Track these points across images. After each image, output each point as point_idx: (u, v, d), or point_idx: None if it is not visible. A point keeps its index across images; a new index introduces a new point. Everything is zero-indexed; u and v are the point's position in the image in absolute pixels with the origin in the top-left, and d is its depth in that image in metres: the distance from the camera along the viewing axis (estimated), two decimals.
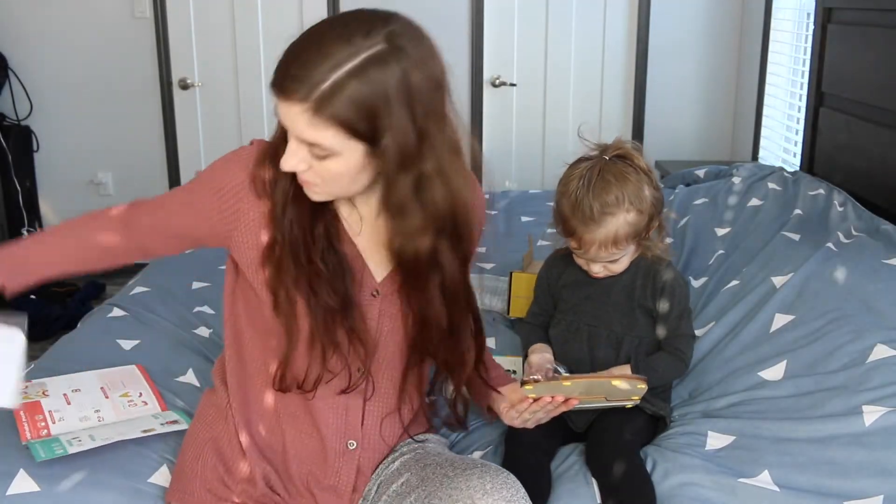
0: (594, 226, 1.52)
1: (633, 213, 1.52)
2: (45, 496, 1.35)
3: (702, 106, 4.03)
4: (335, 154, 1.12)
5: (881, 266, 1.78)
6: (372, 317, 1.32)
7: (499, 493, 1.18)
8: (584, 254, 1.57)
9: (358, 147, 1.12)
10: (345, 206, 1.29)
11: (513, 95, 4.00)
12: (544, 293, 1.74)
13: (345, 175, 1.15)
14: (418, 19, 1.18)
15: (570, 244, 1.59)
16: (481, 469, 1.23)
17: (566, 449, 1.56)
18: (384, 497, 1.31)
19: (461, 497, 1.18)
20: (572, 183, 1.55)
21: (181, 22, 3.87)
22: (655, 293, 1.61)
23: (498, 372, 1.53)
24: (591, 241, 1.53)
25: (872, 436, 1.39)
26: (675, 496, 1.37)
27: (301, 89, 1.07)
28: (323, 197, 1.21)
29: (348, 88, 1.07)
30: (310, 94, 1.07)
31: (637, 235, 1.56)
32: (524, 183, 4.04)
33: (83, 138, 4.05)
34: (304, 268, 1.23)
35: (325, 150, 1.11)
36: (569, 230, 1.56)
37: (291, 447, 1.35)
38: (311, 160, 1.14)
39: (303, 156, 1.14)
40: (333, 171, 1.14)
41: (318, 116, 1.08)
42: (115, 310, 2.11)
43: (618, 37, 3.95)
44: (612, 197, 1.51)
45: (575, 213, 1.53)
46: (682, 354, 1.62)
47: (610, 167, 1.53)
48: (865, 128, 2.42)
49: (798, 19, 3.24)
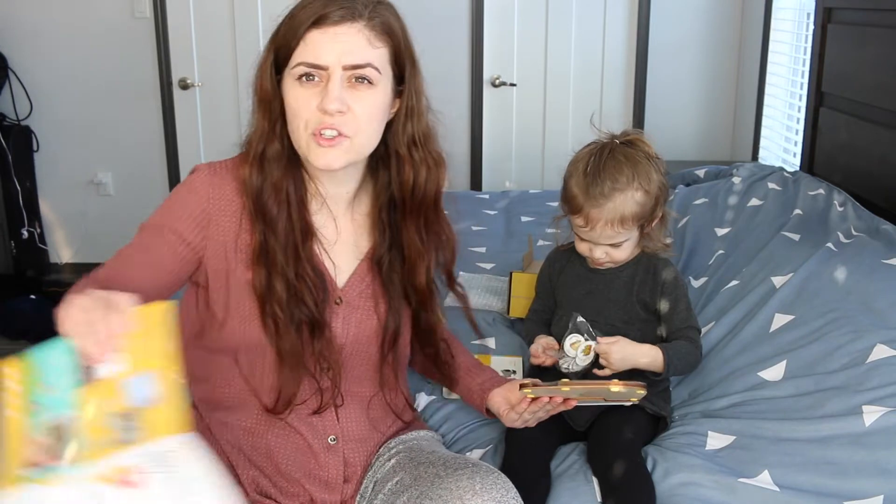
0: (603, 200, 1.53)
1: (640, 192, 1.54)
2: None
3: (702, 106, 4.03)
4: (375, 84, 1.22)
5: (881, 266, 1.78)
6: (337, 325, 1.34)
7: (488, 494, 1.19)
8: (590, 232, 1.58)
9: (390, 79, 1.25)
10: (319, 215, 1.33)
11: (513, 95, 4.00)
12: (545, 288, 1.76)
13: (379, 112, 1.25)
14: (418, 19, 1.23)
15: (576, 222, 1.59)
16: (472, 469, 1.23)
17: (567, 448, 1.56)
18: (380, 496, 1.32)
19: (451, 497, 1.19)
20: (582, 162, 1.57)
21: (181, 22, 3.87)
22: (655, 290, 1.62)
23: (488, 374, 1.53)
24: (597, 217, 1.55)
25: (872, 436, 1.39)
26: (675, 495, 1.38)
27: (353, 8, 1.20)
28: (341, 159, 1.24)
29: (389, 12, 1.26)
30: (364, 10, 1.21)
31: (642, 218, 1.57)
32: (524, 183, 4.04)
33: (83, 138, 4.04)
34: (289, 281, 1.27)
35: (375, 72, 1.22)
36: (576, 207, 1.57)
37: (277, 448, 1.35)
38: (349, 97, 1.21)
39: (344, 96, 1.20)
40: (374, 104, 1.23)
41: (374, 31, 1.22)
42: None
43: (618, 37, 3.95)
44: (621, 174, 1.54)
45: (584, 189, 1.55)
46: (697, 343, 1.63)
47: (621, 149, 1.57)
48: (865, 128, 2.42)
49: (798, 19, 3.24)
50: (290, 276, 1.27)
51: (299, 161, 1.31)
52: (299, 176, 1.32)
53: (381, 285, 1.37)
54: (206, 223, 1.28)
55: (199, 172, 1.30)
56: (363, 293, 1.36)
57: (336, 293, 1.34)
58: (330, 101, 1.19)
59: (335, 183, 1.34)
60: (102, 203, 4.14)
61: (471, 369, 1.54)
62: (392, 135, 1.30)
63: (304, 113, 1.21)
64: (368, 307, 1.36)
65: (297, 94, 1.22)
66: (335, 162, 1.23)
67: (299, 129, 1.23)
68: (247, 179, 1.27)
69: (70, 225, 4.20)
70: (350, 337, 1.35)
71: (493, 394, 1.48)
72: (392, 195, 1.35)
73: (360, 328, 1.36)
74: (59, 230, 4.21)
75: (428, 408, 1.69)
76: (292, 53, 1.22)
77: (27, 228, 3.98)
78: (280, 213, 1.27)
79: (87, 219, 4.15)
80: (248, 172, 1.27)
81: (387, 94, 1.25)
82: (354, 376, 1.38)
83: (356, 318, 1.36)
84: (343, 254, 1.36)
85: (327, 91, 1.19)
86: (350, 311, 1.35)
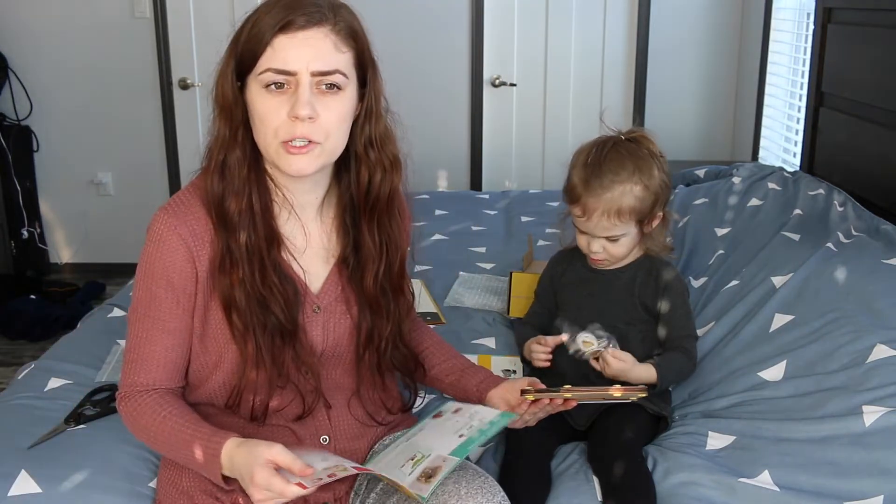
0: (601, 191, 1.54)
1: (640, 187, 1.55)
2: (45, 497, 1.35)
3: (702, 106, 4.03)
4: (343, 89, 1.22)
5: (881, 266, 1.78)
6: (316, 333, 1.34)
7: (474, 499, 1.19)
8: (587, 222, 1.58)
9: (354, 83, 1.25)
10: (288, 224, 1.33)
11: (513, 95, 4.00)
12: (546, 290, 1.76)
13: (346, 116, 1.24)
14: (418, 19, 1.23)
15: (574, 212, 1.60)
16: (458, 473, 1.23)
17: (567, 447, 1.56)
18: (372, 494, 1.32)
19: (436, 502, 1.19)
20: (584, 153, 1.58)
21: (181, 22, 3.87)
22: (657, 291, 1.62)
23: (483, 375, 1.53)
24: (594, 207, 1.55)
25: (872, 436, 1.39)
26: (675, 495, 1.38)
27: (319, 13, 1.20)
28: (313, 164, 1.23)
29: (351, 16, 1.24)
30: (329, 14, 1.20)
31: (640, 214, 1.58)
32: (524, 183, 4.04)
33: (83, 138, 4.05)
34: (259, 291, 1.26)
35: (343, 77, 1.21)
36: (575, 196, 1.58)
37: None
38: (318, 103, 1.20)
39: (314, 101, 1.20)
40: (340, 109, 1.22)
41: (340, 35, 1.21)
42: (115, 310, 2.11)
43: (618, 37, 3.95)
44: (622, 167, 1.55)
45: (584, 179, 1.56)
46: (691, 354, 1.63)
47: (625, 144, 1.58)
48: (865, 128, 2.42)
49: (798, 19, 3.24)
50: (256, 283, 1.26)
51: (263, 169, 1.30)
52: (263, 184, 1.30)
53: (350, 287, 1.37)
54: (192, 259, 1.27)
55: (157, 221, 1.28)
56: (338, 297, 1.36)
57: (312, 301, 1.34)
58: (301, 106, 1.18)
59: (303, 191, 1.33)
60: (102, 203, 4.14)
61: (465, 371, 1.53)
62: (351, 136, 1.30)
63: (274, 122, 1.20)
64: (342, 310, 1.37)
65: (266, 102, 1.21)
66: (307, 168, 1.23)
67: (268, 138, 1.22)
68: (209, 188, 1.27)
69: (70, 225, 4.20)
70: (329, 342, 1.36)
71: (491, 394, 1.48)
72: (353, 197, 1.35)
73: (337, 332, 1.36)
74: (59, 230, 4.21)
75: (427, 407, 1.69)
76: (258, 59, 1.20)
77: (27, 228, 3.98)
78: (243, 219, 1.26)
79: (87, 219, 4.15)
80: (210, 181, 1.27)
81: (353, 98, 1.25)
82: (337, 378, 1.39)
83: (333, 323, 1.36)
84: (315, 261, 1.36)
85: (297, 97, 1.18)
86: (328, 317, 1.35)
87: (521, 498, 1.35)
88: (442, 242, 2.74)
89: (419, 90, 3.80)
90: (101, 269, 4.11)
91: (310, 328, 1.33)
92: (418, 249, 2.61)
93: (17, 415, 1.59)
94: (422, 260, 2.49)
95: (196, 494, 1.32)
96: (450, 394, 1.57)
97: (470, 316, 2.12)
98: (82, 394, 1.65)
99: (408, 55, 3.77)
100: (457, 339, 1.94)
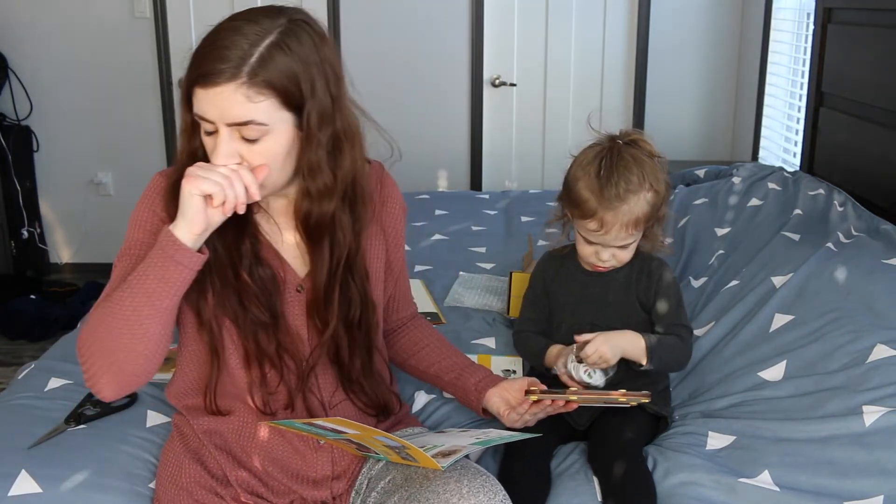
0: (618, 203, 1.52)
1: (651, 193, 1.54)
2: (46, 497, 1.35)
3: (702, 106, 4.03)
4: (268, 131, 1.18)
5: (881, 266, 1.78)
6: (300, 313, 1.34)
7: (475, 498, 1.19)
8: (604, 235, 1.56)
9: (287, 119, 1.19)
10: (263, 220, 1.33)
11: (513, 95, 4.00)
12: (538, 295, 1.73)
13: (278, 155, 1.20)
14: (419, 19, 1.21)
15: (588, 227, 1.57)
16: (459, 472, 1.23)
17: (567, 447, 1.56)
18: (373, 493, 1.32)
19: (437, 501, 1.19)
20: (592, 166, 1.56)
21: (181, 22, 3.88)
22: (651, 288, 1.61)
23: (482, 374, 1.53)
24: (613, 220, 1.54)
25: (872, 436, 1.39)
26: (675, 495, 1.38)
27: (229, 69, 1.14)
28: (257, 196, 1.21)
29: (274, 58, 1.16)
30: (240, 69, 1.14)
31: (652, 218, 1.58)
32: (524, 183, 4.05)
33: (83, 138, 4.05)
34: (233, 285, 1.27)
35: (259, 126, 1.16)
36: (588, 211, 1.54)
37: (265, 449, 1.36)
38: (242, 149, 1.18)
39: (235, 147, 1.18)
40: (268, 152, 1.19)
41: (253, 87, 1.15)
42: None
43: (618, 37, 3.95)
44: (634, 176, 1.53)
45: (597, 192, 1.53)
46: (685, 340, 1.62)
47: (626, 149, 1.56)
48: (865, 128, 2.42)
49: (798, 19, 3.24)
50: (228, 276, 1.27)
51: None
52: None
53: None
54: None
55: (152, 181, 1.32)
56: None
57: (297, 280, 1.35)
58: (217, 157, 1.18)
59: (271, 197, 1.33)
60: (102, 203, 4.14)
61: (465, 369, 1.53)
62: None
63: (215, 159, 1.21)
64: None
65: (206, 140, 1.22)
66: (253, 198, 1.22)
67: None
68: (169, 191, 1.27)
69: (70, 225, 4.20)
70: (313, 330, 1.36)
71: (490, 394, 1.48)
72: None
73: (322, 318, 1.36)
74: (59, 230, 4.22)
75: (427, 407, 1.69)
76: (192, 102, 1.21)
77: (27, 228, 3.98)
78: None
79: (87, 219, 4.16)
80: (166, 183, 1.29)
81: (286, 134, 1.21)
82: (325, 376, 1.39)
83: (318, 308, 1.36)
84: (296, 252, 1.36)
85: (217, 147, 1.19)
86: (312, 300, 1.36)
87: (521, 498, 1.35)
88: (442, 242, 2.74)
89: (419, 90, 3.80)
90: (101, 269, 4.10)
91: (293, 308, 1.34)
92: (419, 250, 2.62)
93: (17, 415, 1.59)
94: (422, 260, 2.50)
95: (195, 490, 1.33)
96: (449, 391, 1.57)
97: (470, 316, 2.12)
98: (82, 394, 1.65)
99: (408, 55, 3.78)
100: (457, 339, 1.94)
